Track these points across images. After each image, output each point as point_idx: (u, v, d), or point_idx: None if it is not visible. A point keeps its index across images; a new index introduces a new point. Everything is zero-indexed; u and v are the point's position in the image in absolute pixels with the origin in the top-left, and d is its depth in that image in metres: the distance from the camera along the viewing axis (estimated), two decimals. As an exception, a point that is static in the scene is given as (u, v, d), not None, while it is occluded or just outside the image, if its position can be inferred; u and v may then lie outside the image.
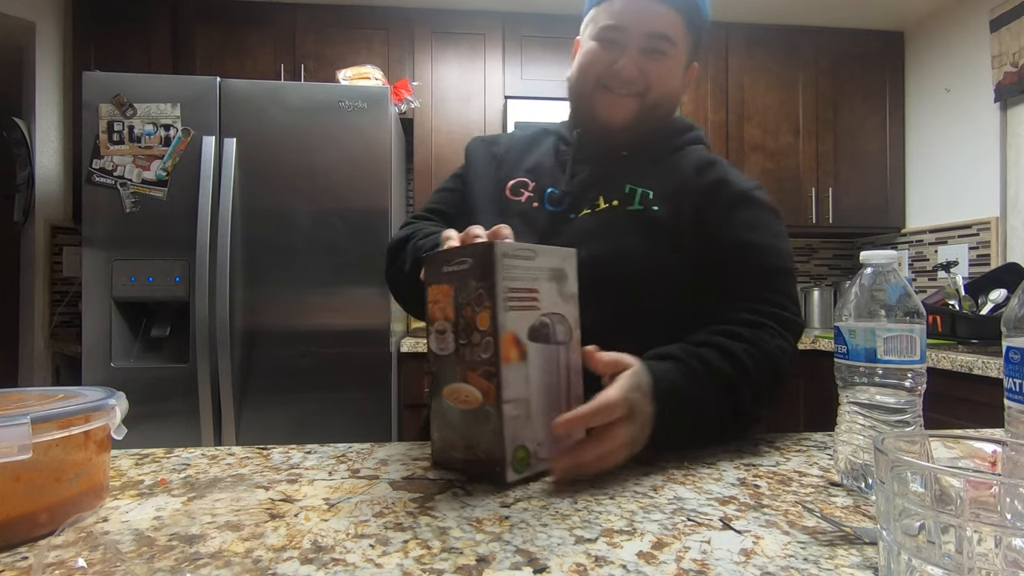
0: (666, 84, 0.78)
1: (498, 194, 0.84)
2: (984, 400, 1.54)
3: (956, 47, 2.45)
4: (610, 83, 0.77)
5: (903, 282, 0.49)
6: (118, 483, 0.51)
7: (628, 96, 0.77)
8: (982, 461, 0.35)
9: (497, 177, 0.86)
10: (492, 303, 0.50)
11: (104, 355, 1.75)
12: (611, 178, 0.79)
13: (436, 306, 0.55)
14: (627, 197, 0.77)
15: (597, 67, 0.77)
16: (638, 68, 0.75)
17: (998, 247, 2.26)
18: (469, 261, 0.52)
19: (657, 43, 0.75)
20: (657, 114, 0.79)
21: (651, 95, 0.77)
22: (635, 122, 0.78)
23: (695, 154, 0.81)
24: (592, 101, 0.79)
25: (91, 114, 1.75)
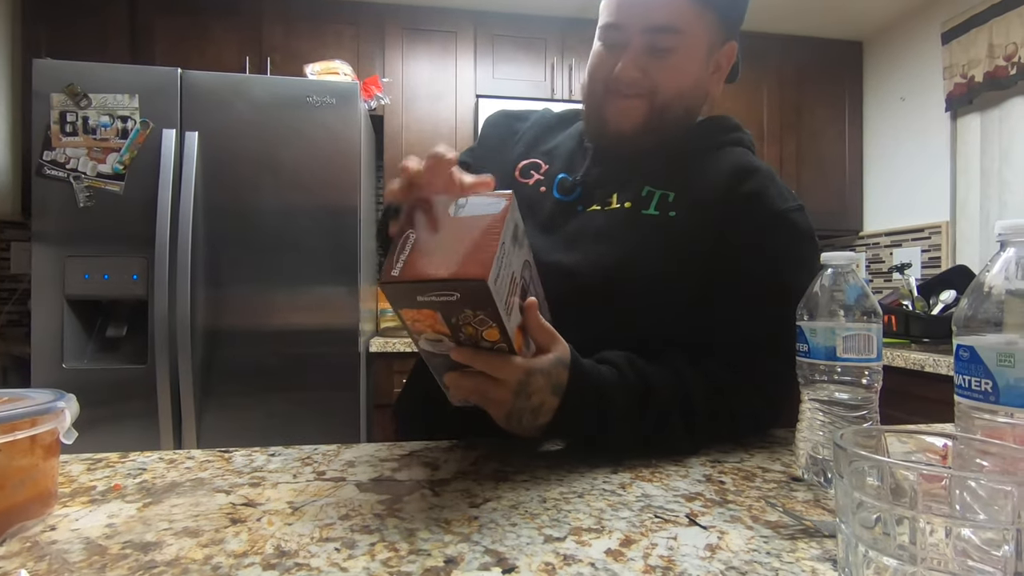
0: (675, 82, 0.70)
1: (506, 175, 0.78)
2: (935, 396, 1.61)
3: (911, 58, 2.55)
4: (616, 86, 0.70)
5: (861, 283, 0.51)
6: (68, 490, 0.49)
7: (635, 97, 0.70)
8: (934, 455, 0.36)
9: (512, 154, 0.81)
10: (498, 321, 0.47)
11: (55, 356, 1.68)
12: (630, 175, 0.73)
13: (419, 323, 0.50)
14: (643, 200, 0.70)
15: (602, 71, 0.71)
16: (640, 69, 0.68)
17: (948, 250, 2.36)
18: (456, 295, 0.46)
19: (659, 39, 0.67)
20: (672, 114, 0.71)
21: (659, 96, 0.70)
22: (647, 125, 0.71)
23: (735, 157, 0.72)
24: (603, 107, 0.72)
25: (42, 104, 1.67)
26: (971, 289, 0.40)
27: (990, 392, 0.37)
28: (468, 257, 0.46)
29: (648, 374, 0.60)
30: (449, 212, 0.51)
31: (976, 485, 0.30)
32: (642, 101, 0.70)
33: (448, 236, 0.49)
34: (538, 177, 0.77)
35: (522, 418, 0.54)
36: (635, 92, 0.69)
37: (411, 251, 0.48)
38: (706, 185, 0.69)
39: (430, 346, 0.52)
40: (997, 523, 0.27)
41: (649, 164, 0.73)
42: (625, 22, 0.68)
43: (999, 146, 2.15)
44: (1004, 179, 2.12)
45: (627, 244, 0.68)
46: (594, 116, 0.74)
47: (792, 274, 0.61)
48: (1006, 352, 0.37)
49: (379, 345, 2.01)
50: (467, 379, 0.52)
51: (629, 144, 0.72)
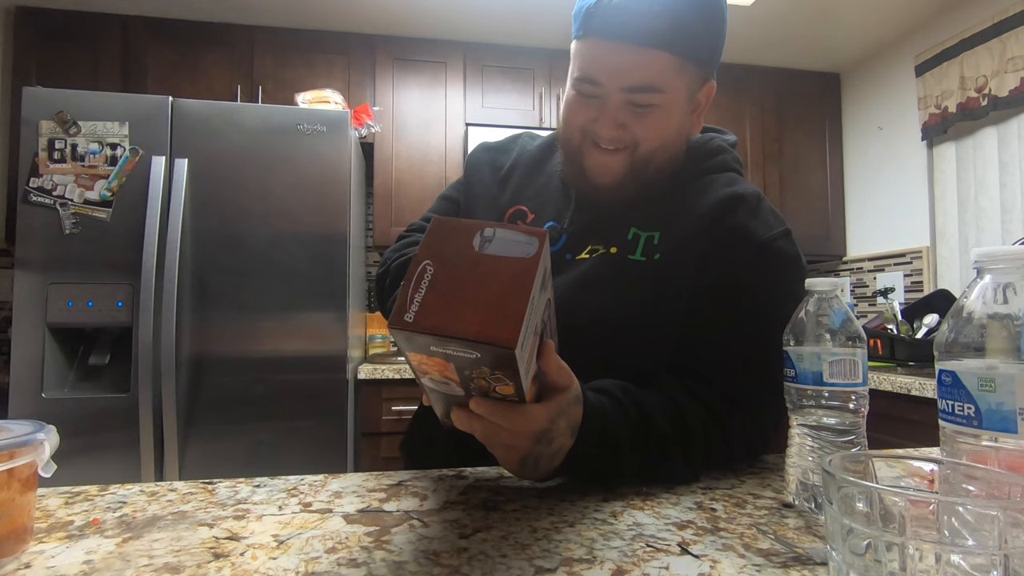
0: (657, 135, 0.67)
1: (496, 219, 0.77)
2: (922, 419, 1.62)
3: (887, 89, 2.64)
4: (594, 139, 0.68)
5: (846, 308, 0.52)
6: (44, 525, 0.47)
7: (617, 152, 0.68)
8: (921, 479, 0.36)
9: (500, 198, 0.80)
10: (516, 380, 0.44)
11: (35, 385, 1.64)
12: (615, 219, 0.72)
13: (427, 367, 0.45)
14: (629, 244, 0.69)
15: (579, 120, 0.69)
16: (620, 127, 0.66)
17: (930, 274, 2.41)
18: (476, 355, 0.41)
19: (639, 97, 0.64)
20: (654, 165, 0.69)
21: (641, 149, 0.67)
22: (627, 178, 0.69)
23: (721, 188, 0.70)
24: (581, 157, 0.70)
25: (30, 130, 1.67)
26: (951, 315, 0.41)
27: (973, 416, 0.38)
28: (494, 313, 0.41)
29: (645, 403, 0.59)
30: (474, 244, 0.45)
31: (963, 510, 0.30)
32: (624, 155, 0.68)
33: (472, 277, 0.43)
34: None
35: (539, 463, 0.52)
36: (615, 147, 0.67)
37: (428, 290, 0.42)
38: (690, 221, 0.68)
39: (434, 384, 0.48)
40: (985, 548, 0.27)
41: (633, 206, 0.72)
42: (602, 79, 0.65)
43: (974, 174, 2.22)
44: (980, 206, 2.18)
45: (614, 290, 0.67)
46: (573, 165, 0.72)
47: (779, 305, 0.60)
48: (987, 377, 0.37)
49: (368, 372, 1.99)
50: (479, 423, 0.49)
51: (610, 195, 0.71)
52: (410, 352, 0.44)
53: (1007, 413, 0.37)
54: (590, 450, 0.54)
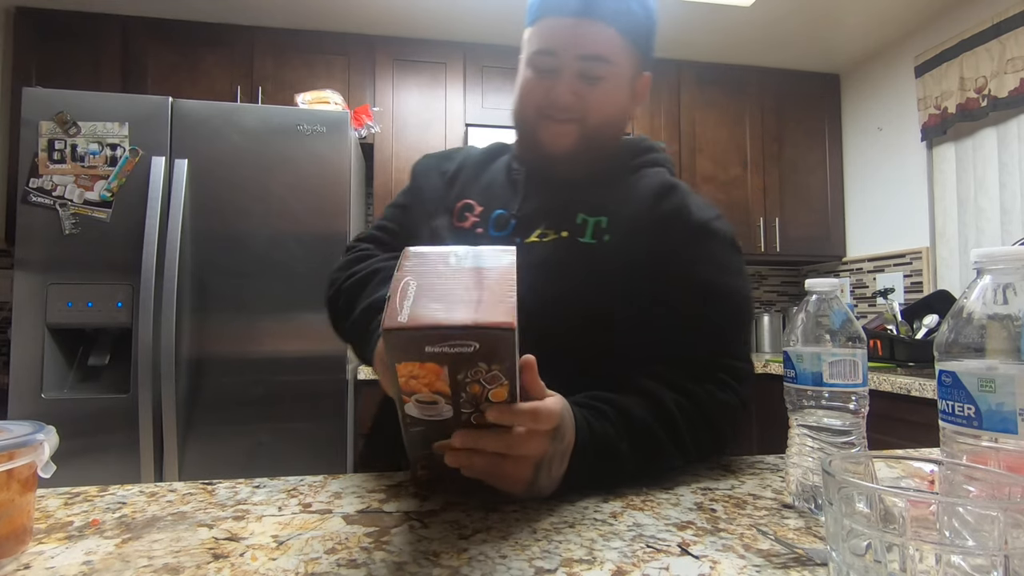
0: (606, 109, 0.73)
1: (444, 218, 0.79)
2: (922, 420, 1.62)
3: (886, 89, 2.64)
4: (549, 111, 0.73)
5: (845, 308, 0.52)
6: (44, 525, 0.47)
7: (568, 122, 0.73)
8: (921, 480, 0.36)
9: (448, 197, 0.81)
10: (511, 377, 0.44)
11: (34, 386, 1.64)
12: (563, 205, 0.75)
13: (416, 381, 0.44)
14: (578, 228, 0.73)
15: (535, 97, 0.73)
16: (574, 94, 0.71)
17: (929, 275, 2.41)
18: (475, 345, 0.42)
19: (592, 66, 0.71)
20: (601, 139, 0.75)
21: (591, 121, 0.73)
22: (578, 149, 0.74)
23: (655, 177, 0.77)
24: (535, 131, 0.75)
25: (30, 131, 1.67)
26: (951, 315, 0.41)
27: (973, 417, 0.38)
28: (487, 305, 0.43)
29: (616, 401, 0.60)
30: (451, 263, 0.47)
31: (964, 511, 0.30)
32: (575, 126, 0.73)
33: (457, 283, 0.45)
34: (474, 219, 0.78)
35: (551, 466, 0.51)
36: (568, 117, 0.72)
37: (416, 297, 0.43)
38: (633, 207, 0.73)
39: (419, 411, 0.46)
40: (985, 549, 0.27)
41: (579, 192, 0.76)
42: (559, 49, 0.71)
43: (974, 175, 2.22)
44: (980, 206, 2.18)
45: (567, 273, 0.70)
46: (528, 140, 0.77)
47: (723, 276, 0.68)
48: (987, 378, 0.37)
49: (368, 373, 1.98)
50: (480, 458, 0.48)
51: (563, 166, 0.75)
52: (402, 363, 0.43)
53: (1007, 414, 0.37)
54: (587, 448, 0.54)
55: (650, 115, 2.70)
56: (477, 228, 0.77)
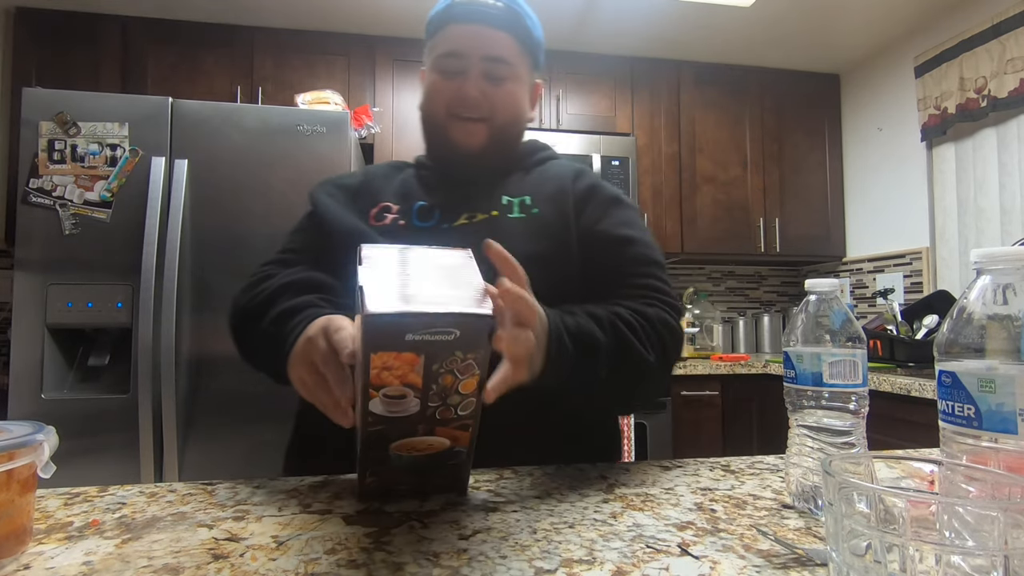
0: (510, 108, 0.80)
1: (358, 225, 0.78)
2: (922, 420, 1.62)
3: (886, 90, 2.64)
4: (457, 111, 0.78)
5: (845, 309, 0.52)
6: (43, 526, 0.47)
7: (478, 121, 0.78)
8: (921, 480, 0.36)
9: (356, 207, 0.81)
10: (483, 367, 0.45)
11: (34, 386, 1.64)
12: (484, 192, 0.80)
13: (388, 372, 0.44)
14: (505, 207, 0.78)
15: (444, 96, 0.79)
16: (481, 92, 0.77)
17: (929, 275, 2.41)
18: (456, 332, 0.43)
19: (495, 67, 0.78)
20: (507, 137, 0.82)
21: (498, 119, 0.79)
22: (488, 145, 0.79)
23: (563, 164, 0.86)
24: (446, 130, 0.80)
25: (30, 131, 1.67)
26: (951, 315, 0.41)
27: (973, 417, 0.38)
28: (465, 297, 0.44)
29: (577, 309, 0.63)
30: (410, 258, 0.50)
31: (964, 511, 0.30)
32: (484, 125, 0.79)
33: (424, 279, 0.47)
34: (392, 216, 0.79)
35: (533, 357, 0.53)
36: (477, 115, 0.78)
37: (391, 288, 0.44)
38: (554, 185, 0.81)
39: (384, 407, 0.46)
40: (985, 549, 0.27)
41: (494, 182, 0.81)
42: (466, 51, 0.77)
43: (974, 175, 2.22)
44: (980, 207, 2.18)
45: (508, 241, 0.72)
46: (439, 141, 0.82)
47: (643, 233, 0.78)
48: (987, 378, 0.37)
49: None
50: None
51: (474, 164, 0.80)
52: (378, 353, 0.43)
53: (1007, 414, 0.37)
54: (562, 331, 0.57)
55: (650, 115, 2.70)
56: (399, 222, 0.78)
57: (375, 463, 0.50)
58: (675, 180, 2.68)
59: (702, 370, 2.27)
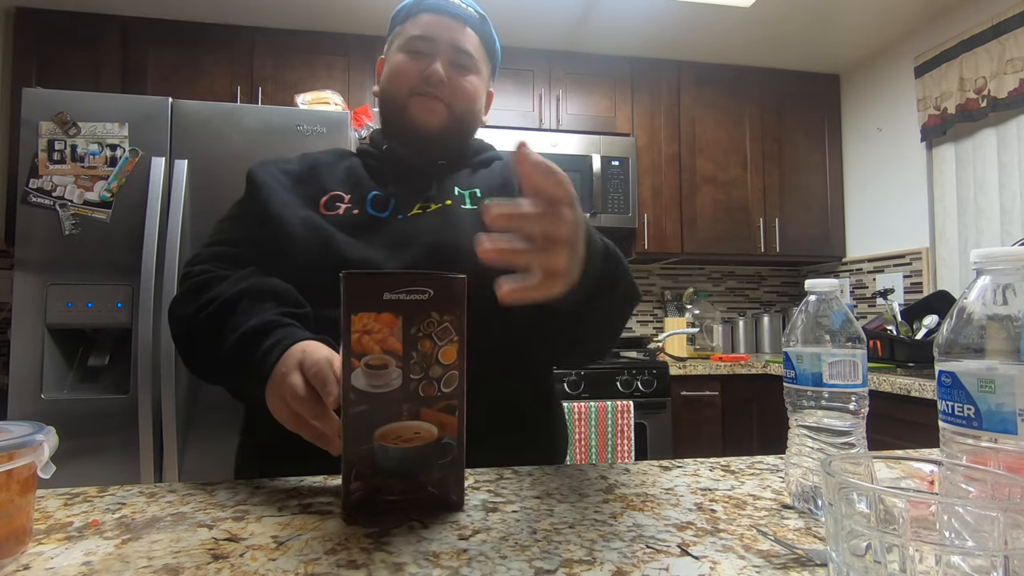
0: (470, 99, 0.82)
1: (307, 212, 0.75)
2: (922, 421, 1.62)
3: (886, 90, 2.65)
4: (422, 88, 0.79)
5: (845, 309, 0.52)
6: (43, 526, 0.47)
7: (439, 100, 0.80)
8: (921, 480, 0.36)
9: (302, 194, 0.78)
10: (461, 336, 0.46)
11: (34, 386, 1.64)
12: (436, 183, 0.82)
13: (369, 337, 0.45)
14: (457, 199, 0.80)
15: (410, 75, 0.79)
16: (447, 77, 0.79)
17: (929, 275, 2.41)
18: (429, 292, 0.45)
19: (462, 58, 0.81)
20: (463, 126, 0.83)
21: (457, 106, 0.81)
22: (446, 129, 0.81)
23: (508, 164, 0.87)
24: (407, 109, 0.80)
25: (30, 131, 1.67)
26: (951, 316, 0.41)
27: (973, 418, 0.38)
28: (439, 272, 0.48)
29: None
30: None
31: (964, 511, 0.30)
32: (444, 106, 0.80)
33: None
34: (346, 205, 0.78)
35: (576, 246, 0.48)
36: (438, 94, 0.79)
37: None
38: (500, 180, 0.84)
39: (367, 380, 0.45)
40: (986, 549, 0.27)
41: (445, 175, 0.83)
42: (436, 36, 0.80)
43: (973, 175, 2.22)
44: (980, 207, 2.18)
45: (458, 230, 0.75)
46: (397, 119, 0.82)
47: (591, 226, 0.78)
48: (986, 378, 0.37)
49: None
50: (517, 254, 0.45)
51: (433, 142, 0.81)
52: (358, 314, 0.45)
53: (1007, 414, 0.37)
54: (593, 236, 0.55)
55: (650, 115, 2.70)
56: (353, 211, 0.77)
57: (360, 460, 0.46)
58: (675, 180, 2.68)
59: (702, 370, 2.27)
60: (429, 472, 0.48)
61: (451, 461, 0.48)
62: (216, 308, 0.65)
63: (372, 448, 0.46)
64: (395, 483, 0.47)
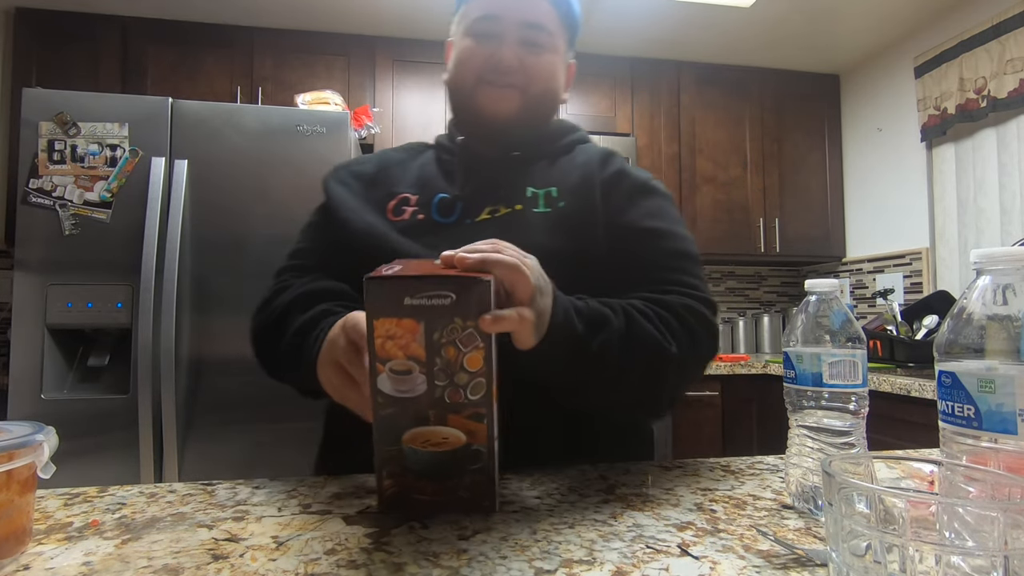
0: (547, 79, 0.75)
1: (372, 217, 0.74)
2: (922, 421, 1.62)
3: (886, 90, 2.65)
4: (490, 76, 0.73)
5: (845, 309, 0.52)
6: (43, 526, 0.47)
7: (510, 88, 0.73)
8: (921, 480, 0.36)
9: (372, 198, 0.77)
10: (487, 342, 0.45)
11: (34, 386, 1.64)
12: (508, 182, 0.75)
13: (392, 342, 0.45)
14: (530, 200, 0.73)
15: (475, 62, 0.73)
16: (517, 58, 0.72)
17: (929, 275, 2.41)
18: (452, 296, 0.44)
19: (534, 34, 0.73)
20: (541, 110, 0.77)
21: (533, 89, 0.74)
22: (520, 116, 0.74)
23: (591, 149, 0.80)
24: (474, 98, 0.74)
25: (30, 131, 1.67)
26: (951, 316, 0.41)
27: (973, 418, 0.38)
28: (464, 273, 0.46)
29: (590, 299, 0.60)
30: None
31: (964, 511, 0.30)
32: (516, 92, 0.73)
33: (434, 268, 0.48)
34: (412, 209, 0.75)
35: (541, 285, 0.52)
36: (510, 82, 0.73)
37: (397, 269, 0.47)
38: (580, 173, 0.75)
39: (392, 384, 0.46)
40: (986, 550, 0.27)
41: (522, 167, 0.76)
42: (502, 14, 0.72)
43: (973, 175, 2.22)
44: (980, 207, 2.18)
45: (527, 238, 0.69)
46: (466, 109, 0.77)
47: (672, 224, 0.73)
48: (986, 378, 0.37)
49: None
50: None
51: (503, 135, 0.75)
52: (380, 319, 0.44)
53: (1007, 414, 0.37)
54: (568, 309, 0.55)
55: (650, 115, 2.70)
56: (418, 216, 0.74)
57: (390, 461, 0.48)
58: (675, 180, 2.68)
59: (702, 370, 2.27)
60: (459, 477, 0.48)
61: (480, 468, 0.48)
62: (278, 312, 0.69)
63: (401, 450, 0.47)
64: (425, 484, 0.48)
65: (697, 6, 2.29)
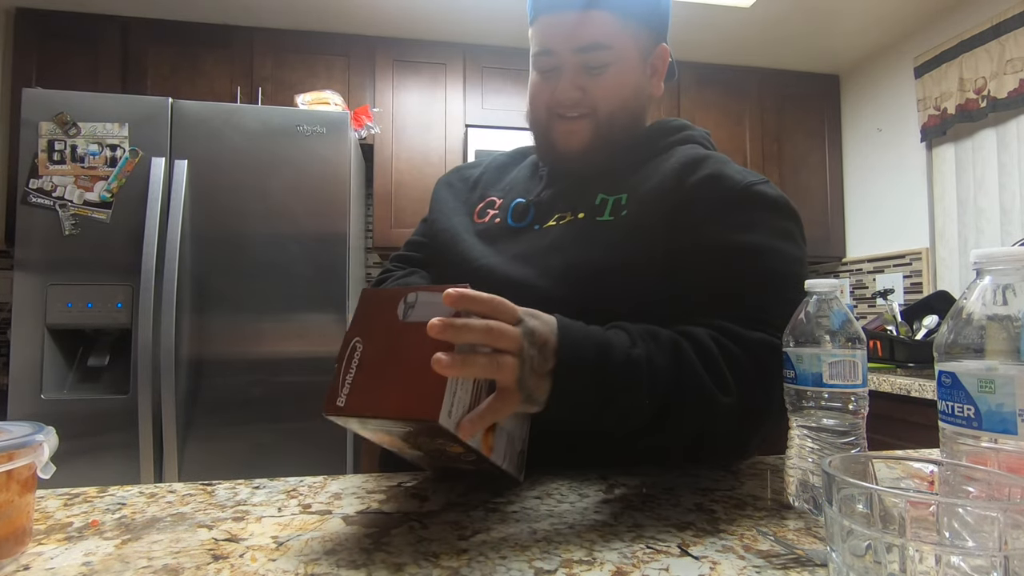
0: (615, 95, 0.72)
1: (459, 218, 0.79)
2: (922, 421, 1.62)
3: (886, 90, 2.65)
4: (558, 110, 0.73)
5: (845, 309, 0.52)
6: (43, 526, 0.47)
7: (578, 119, 0.72)
8: (921, 481, 0.36)
9: (470, 200, 0.82)
10: (464, 444, 0.46)
11: (34, 386, 1.64)
12: (583, 189, 0.74)
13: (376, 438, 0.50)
14: (597, 208, 0.71)
15: (542, 97, 0.74)
16: (578, 89, 0.71)
17: (929, 275, 2.41)
18: (410, 428, 0.44)
19: (592, 56, 0.70)
20: (617, 127, 0.73)
21: (601, 111, 0.72)
22: (594, 142, 0.73)
23: (684, 153, 0.73)
24: (549, 132, 0.75)
25: (30, 132, 1.67)
26: (951, 316, 0.41)
27: (972, 418, 0.38)
28: (417, 388, 0.43)
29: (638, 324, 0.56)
30: (399, 314, 0.47)
31: (964, 511, 0.30)
32: (586, 121, 0.72)
33: (396, 351, 0.45)
34: (493, 213, 0.78)
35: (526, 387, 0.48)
36: (578, 113, 0.72)
37: (357, 370, 0.45)
38: (656, 180, 0.70)
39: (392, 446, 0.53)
40: (985, 550, 0.27)
41: (600, 175, 0.75)
42: (555, 47, 0.71)
43: (973, 176, 2.22)
44: (980, 207, 2.18)
45: (579, 249, 0.67)
46: (543, 140, 0.77)
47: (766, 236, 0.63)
48: (986, 378, 0.37)
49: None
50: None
51: (580, 162, 0.74)
52: (356, 430, 0.48)
53: (1007, 414, 0.37)
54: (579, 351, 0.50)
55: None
56: (495, 219, 0.77)
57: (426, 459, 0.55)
58: (675, 180, 2.68)
59: (702, 370, 2.27)
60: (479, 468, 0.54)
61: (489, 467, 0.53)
62: None
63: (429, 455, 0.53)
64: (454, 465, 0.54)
65: (697, 6, 2.29)
